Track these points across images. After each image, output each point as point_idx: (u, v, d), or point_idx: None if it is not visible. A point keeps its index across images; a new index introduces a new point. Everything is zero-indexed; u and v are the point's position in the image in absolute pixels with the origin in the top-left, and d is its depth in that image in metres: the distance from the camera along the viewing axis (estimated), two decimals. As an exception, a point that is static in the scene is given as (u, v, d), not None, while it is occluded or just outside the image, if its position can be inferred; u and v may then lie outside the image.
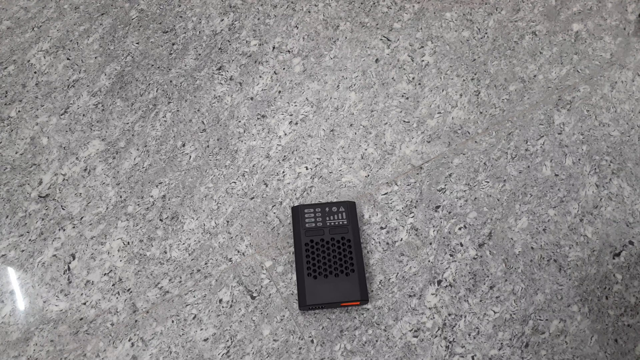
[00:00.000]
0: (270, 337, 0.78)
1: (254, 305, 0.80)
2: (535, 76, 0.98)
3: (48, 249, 0.84)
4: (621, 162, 0.90)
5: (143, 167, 0.90)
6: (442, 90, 0.97)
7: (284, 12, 1.05)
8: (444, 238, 0.84)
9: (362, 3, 1.06)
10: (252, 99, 0.96)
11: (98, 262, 0.83)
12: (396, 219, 0.86)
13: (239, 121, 0.94)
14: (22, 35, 1.03)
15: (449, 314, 0.79)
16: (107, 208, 0.87)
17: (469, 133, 0.93)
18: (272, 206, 0.87)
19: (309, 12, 1.05)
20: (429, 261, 0.83)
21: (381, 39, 1.02)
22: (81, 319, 0.79)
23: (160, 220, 0.86)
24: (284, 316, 0.79)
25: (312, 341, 0.77)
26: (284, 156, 0.91)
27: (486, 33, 1.03)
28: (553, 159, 0.91)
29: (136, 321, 0.79)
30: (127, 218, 0.86)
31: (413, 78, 0.98)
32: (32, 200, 0.87)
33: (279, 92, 0.97)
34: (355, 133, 0.93)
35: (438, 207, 0.87)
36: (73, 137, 0.93)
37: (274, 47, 1.01)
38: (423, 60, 1.00)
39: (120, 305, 0.80)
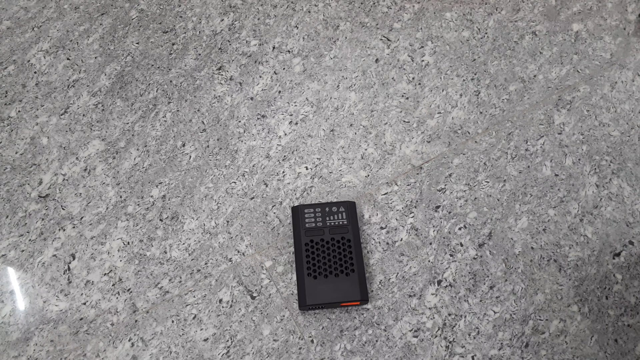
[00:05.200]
0: (270, 337, 0.78)
1: (254, 305, 0.80)
2: (535, 76, 0.98)
3: (48, 249, 0.84)
4: (621, 162, 0.90)
5: (143, 167, 0.90)
6: (442, 90, 0.97)
7: (284, 12, 1.05)
8: (444, 238, 0.84)
9: (362, 3, 1.06)
10: (252, 99, 0.96)
11: (98, 262, 0.83)
12: (396, 219, 0.86)
13: (239, 121, 0.94)
14: (22, 35, 1.03)
15: (449, 314, 0.79)
16: (107, 208, 0.87)
17: (469, 133, 0.93)
18: (272, 206, 0.87)
19: (309, 12, 1.05)
20: (429, 261, 0.83)
21: (381, 39, 1.02)
22: (81, 319, 0.79)
23: (160, 220, 0.86)
24: (284, 316, 0.79)
25: (312, 341, 0.77)
26: (284, 156, 0.91)
27: (486, 33, 1.03)
28: (553, 159, 0.91)
29: (136, 321, 0.79)
30: (127, 218, 0.86)
31: (413, 78, 0.98)
32: (32, 200, 0.87)
33: (279, 92, 0.97)
34: (355, 133, 0.93)
35: (438, 207, 0.87)
36: (73, 137, 0.93)
37: (274, 47, 1.01)
38: (423, 60, 1.00)
39: (120, 305, 0.80)
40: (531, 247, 0.84)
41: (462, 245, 0.84)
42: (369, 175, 0.89)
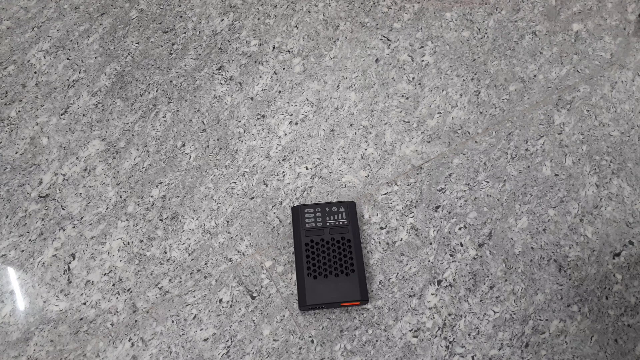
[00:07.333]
0: (270, 337, 0.78)
1: (254, 305, 0.80)
2: (535, 76, 0.98)
3: (48, 249, 0.84)
4: (621, 162, 0.90)
5: (143, 167, 0.90)
6: (442, 90, 0.97)
7: (284, 12, 1.05)
8: (444, 238, 0.84)
9: (362, 3, 1.06)
10: (252, 99, 0.96)
11: (98, 262, 0.83)
12: (396, 219, 0.86)
13: (239, 121, 0.94)
14: (22, 35, 1.03)
15: (449, 314, 0.79)
16: (107, 208, 0.87)
17: (469, 133, 0.93)
18: (272, 206, 0.87)
19: (309, 12, 1.05)
20: (429, 261, 0.83)
21: (381, 39, 1.02)
22: (81, 319, 0.79)
23: (160, 220, 0.86)
24: (284, 316, 0.79)
25: (312, 341, 0.77)
26: (284, 156, 0.91)
27: (486, 33, 1.03)
28: (553, 159, 0.91)
29: (136, 321, 0.79)
30: (127, 218, 0.86)
31: (413, 78, 0.98)
32: (32, 200, 0.87)
33: (279, 92, 0.97)
34: (355, 133, 0.93)
35: (438, 207, 0.87)
36: (73, 137, 0.93)
37: (274, 47, 1.01)
38: (423, 60, 1.00)
39: (120, 305, 0.80)
40: (531, 247, 0.84)
41: (462, 245, 0.84)
42: (369, 175, 0.89)
